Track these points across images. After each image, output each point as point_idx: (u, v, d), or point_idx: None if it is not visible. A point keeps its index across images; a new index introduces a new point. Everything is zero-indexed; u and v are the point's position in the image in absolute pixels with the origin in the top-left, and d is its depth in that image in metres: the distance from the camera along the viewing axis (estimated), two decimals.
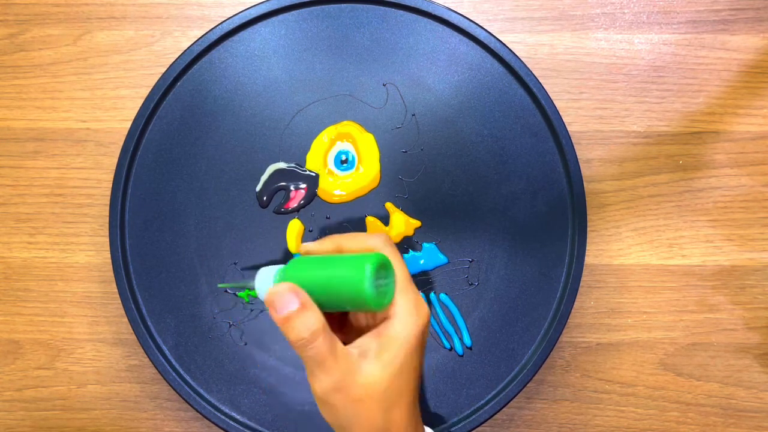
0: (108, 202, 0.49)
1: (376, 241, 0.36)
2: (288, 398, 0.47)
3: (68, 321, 0.51)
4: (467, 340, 0.48)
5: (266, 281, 0.38)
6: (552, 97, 0.48)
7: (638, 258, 0.51)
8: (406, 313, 0.35)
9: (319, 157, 0.48)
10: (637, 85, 0.51)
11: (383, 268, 0.35)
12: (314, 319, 0.34)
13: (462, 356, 0.48)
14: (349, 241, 0.37)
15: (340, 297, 0.35)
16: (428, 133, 0.48)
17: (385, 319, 0.36)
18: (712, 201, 0.51)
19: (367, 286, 0.34)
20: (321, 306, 0.35)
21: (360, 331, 0.38)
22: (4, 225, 0.51)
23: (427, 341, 0.38)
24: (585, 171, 0.50)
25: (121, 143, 0.48)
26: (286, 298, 0.34)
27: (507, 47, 0.47)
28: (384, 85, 0.48)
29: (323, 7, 0.48)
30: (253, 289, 0.38)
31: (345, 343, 0.36)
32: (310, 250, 0.38)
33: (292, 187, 0.48)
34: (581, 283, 0.48)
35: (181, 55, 0.48)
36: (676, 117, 0.51)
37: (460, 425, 0.47)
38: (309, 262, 0.37)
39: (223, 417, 0.47)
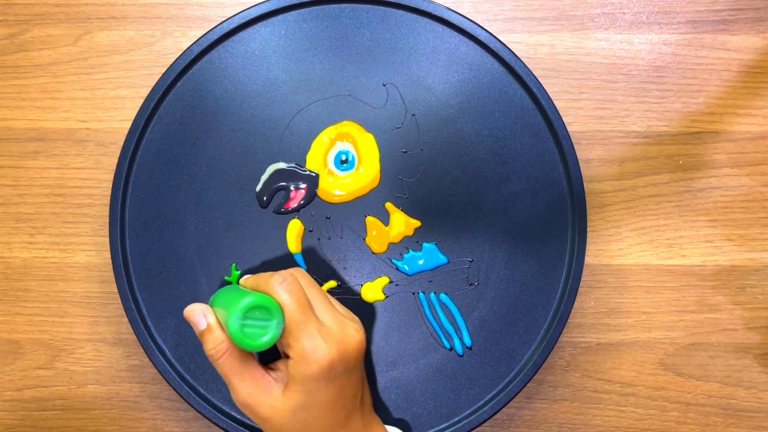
0: (108, 202, 0.49)
1: (272, 282, 0.39)
2: None
3: (68, 321, 0.51)
4: (467, 340, 0.48)
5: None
6: (552, 97, 0.48)
7: (638, 258, 0.51)
8: (298, 356, 0.38)
9: (319, 157, 0.48)
10: (637, 85, 0.51)
11: (261, 309, 0.37)
12: (218, 340, 0.39)
13: (462, 356, 0.48)
14: (257, 281, 0.41)
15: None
16: (428, 133, 0.48)
17: (287, 355, 0.39)
18: (712, 201, 0.51)
19: (232, 323, 0.37)
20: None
21: None
22: (4, 225, 0.51)
23: (356, 376, 0.41)
24: (585, 171, 0.50)
25: (121, 143, 0.48)
26: (197, 318, 0.40)
27: (507, 47, 0.47)
28: (384, 85, 0.48)
29: (323, 7, 0.48)
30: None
31: None
32: (242, 282, 0.43)
33: (292, 187, 0.48)
34: (581, 283, 0.48)
35: (181, 55, 0.48)
36: (676, 117, 0.51)
37: (460, 425, 0.47)
38: (228, 292, 0.42)
39: (223, 417, 0.47)
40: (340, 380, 0.39)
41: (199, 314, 0.40)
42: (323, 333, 0.38)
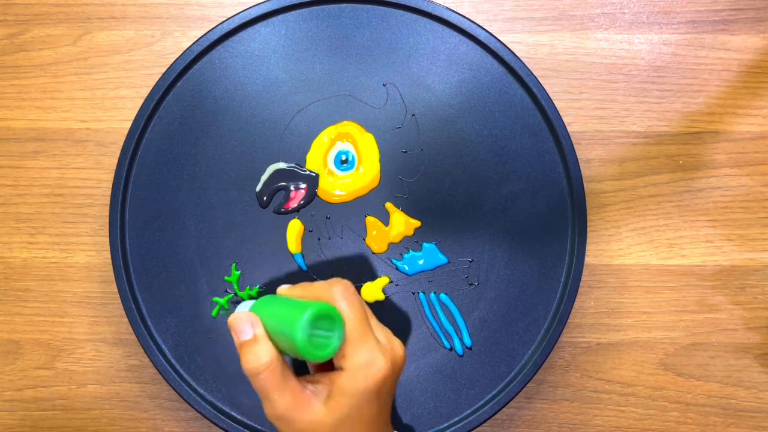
0: (108, 202, 0.49)
1: (333, 291, 0.38)
2: None
3: (68, 321, 0.51)
4: (467, 340, 0.48)
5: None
6: (552, 97, 0.48)
7: (638, 258, 0.51)
8: (355, 368, 0.37)
9: (319, 157, 0.48)
10: (637, 85, 0.51)
11: (326, 319, 0.36)
12: (264, 352, 0.37)
13: (462, 356, 0.48)
14: (311, 290, 0.39)
15: (284, 339, 0.37)
16: (428, 133, 0.48)
17: (340, 366, 0.37)
18: (712, 201, 0.51)
19: (300, 334, 0.35)
20: (278, 345, 0.37)
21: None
22: (4, 225, 0.51)
23: (396, 381, 0.40)
24: (585, 171, 0.50)
25: (121, 143, 0.48)
26: (243, 326, 0.38)
27: (507, 47, 0.47)
28: (384, 85, 0.48)
29: (323, 7, 0.48)
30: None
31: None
32: (282, 291, 0.41)
33: (292, 187, 0.48)
34: (581, 283, 0.48)
35: (181, 55, 0.48)
36: (676, 117, 0.51)
37: (460, 425, 0.47)
38: (276, 301, 0.39)
39: (223, 417, 0.47)
40: (384, 396, 0.38)
41: (245, 323, 0.38)
42: (380, 347, 0.37)
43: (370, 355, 0.37)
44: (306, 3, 0.48)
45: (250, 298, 0.48)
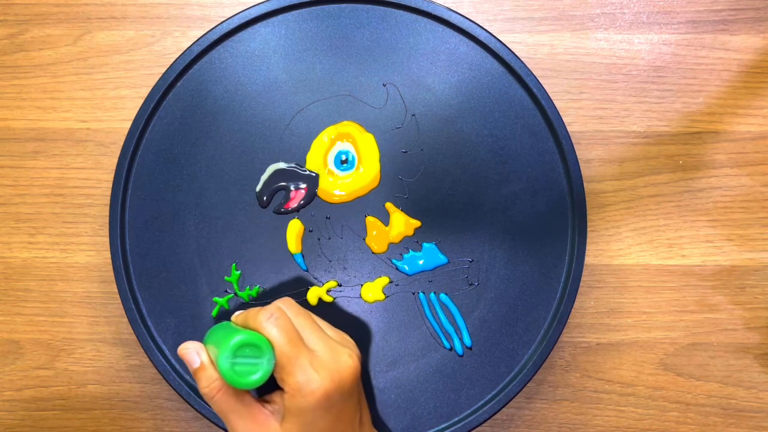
0: (108, 202, 0.49)
1: (259, 319, 0.39)
2: None
3: (68, 321, 0.51)
4: (467, 340, 0.48)
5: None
6: (552, 97, 0.48)
7: (638, 258, 0.51)
8: (293, 391, 0.38)
9: (319, 157, 0.48)
10: (637, 85, 0.51)
11: (250, 347, 0.37)
12: (212, 378, 0.39)
13: (462, 356, 0.48)
14: (245, 317, 0.41)
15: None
16: (428, 133, 0.48)
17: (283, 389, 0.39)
18: (712, 201, 0.51)
19: (222, 362, 0.37)
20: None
21: None
22: (4, 225, 0.51)
23: (353, 402, 0.41)
24: (585, 171, 0.50)
25: (121, 143, 0.48)
26: (191, 356, 0.40)
27: (507, 47, 0.47)
28: (384, 85, 0.48)
29: (323, 7, 0.48)
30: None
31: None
32: (233, 319, 0.43)
33: (292, 187, 0.48)
34: (581, 283, 0.48)
35: (181, 55, 0.48)
36: (676, 117, 0.51)
37: (460, 425, 0.47)
38: (221, 329, 0.41)
39: None
40: (336, 407, 0.39)
41: (192, 352, 0.40)
42: (315, 364, 0.38)
43: (303, 375, 0.38)
44: (306, 3, 0.48)
45: (250, 298, 0.48)
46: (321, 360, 0.39)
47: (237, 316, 0.43)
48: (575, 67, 0.51)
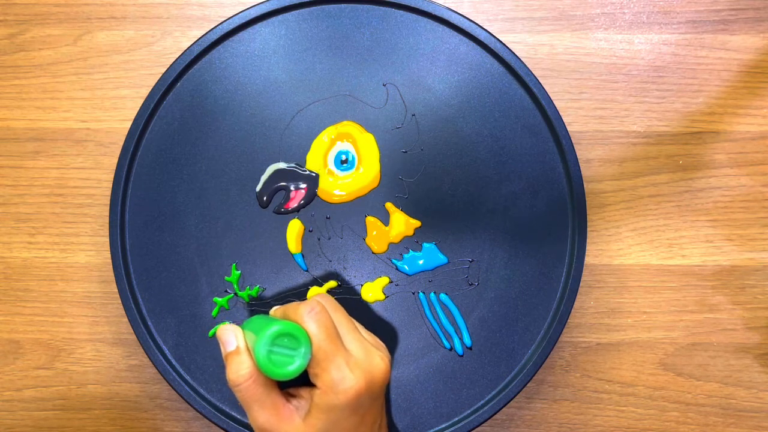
0: (108, 202, 0.49)
1: (300, 312, 0.38)
2: None
3: (68, 321, 0.51)
4: (467, 340, 0.48)
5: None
6: (552, 97, 0.48)
7: (638, 258, 0.51)
8: (326, 387, 0.38)
9: (319, 157, 0.48)
10: (637, 85, 0.51)
11: (288, 338, 0.37)
12: (244, 365, 0.38)
13: (462, 356, 0.48)
14: (285, 310, 0.40)
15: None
16: (428, 133, 0.48)
17: (315, 384, 0.38)
18: (712, 201, 0.51)
19: (258, 349, 0.37)
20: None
21: None
22: (4, 225, 0.51)
23: (381, 401, 0.41)
24: (585, 171, 0.50)
25: (121, 143, 0.48)
26: (228, 337, 0.40)
27: (507, 47, 0.47)
28: (384, 85, 0.48)
29: (323, 7, 0.48)
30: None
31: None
32: (272, 312, 0.43)
33: (292, 187, 0.48)
34: (581, 283, 0.48)
35: (181, 55, 0.48)
36: (676, 117, 0.51)
37: (460, 425, 0.47)
38: (259, 320, 0.40)
39: (223, 417, 0.47)
40: (363, 409, 0.38)
41: (230, 333, 0.40)
42: (351, 363, 0.38)
43: (338, 373, 0.37)
44: (306, 3, 0.48)
45: (250, 298, 0.48)
46: (356, 360, 0.38)
47: (276, 309, 0.42)
48: (575, 67, 0.51)
